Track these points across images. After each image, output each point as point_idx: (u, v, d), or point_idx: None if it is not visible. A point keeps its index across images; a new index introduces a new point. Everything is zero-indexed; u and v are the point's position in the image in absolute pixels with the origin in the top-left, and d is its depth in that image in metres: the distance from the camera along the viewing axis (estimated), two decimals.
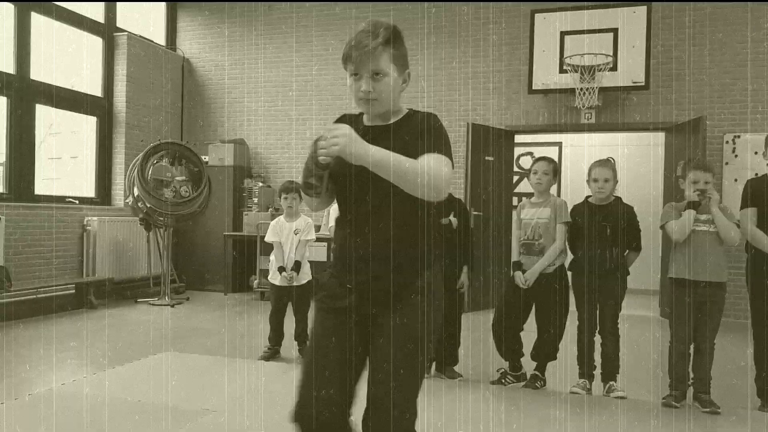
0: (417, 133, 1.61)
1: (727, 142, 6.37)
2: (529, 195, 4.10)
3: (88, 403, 3.21)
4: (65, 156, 7.20)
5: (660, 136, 6.86)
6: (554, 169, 3.77)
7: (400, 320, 1.59)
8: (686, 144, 6.14)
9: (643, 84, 6.28)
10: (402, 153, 1.51)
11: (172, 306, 6.47)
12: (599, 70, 6.28)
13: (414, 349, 1.58)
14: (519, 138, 7.37)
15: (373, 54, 1.58)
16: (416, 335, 1.59)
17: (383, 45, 1.59)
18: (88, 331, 5.17)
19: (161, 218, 6.37)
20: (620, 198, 3.70)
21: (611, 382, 3.56)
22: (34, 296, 5.72)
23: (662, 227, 3.46)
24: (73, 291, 6.17)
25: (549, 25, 6.51)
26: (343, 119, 1.72)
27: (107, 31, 7.13)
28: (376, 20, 1.63)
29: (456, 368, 3.92)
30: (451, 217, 3.81)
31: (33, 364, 4.12)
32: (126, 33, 7.21)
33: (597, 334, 3.63)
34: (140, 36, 7.50)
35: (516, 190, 7.99)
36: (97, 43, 7.05)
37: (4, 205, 5.52)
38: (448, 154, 1.60)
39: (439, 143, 1.60)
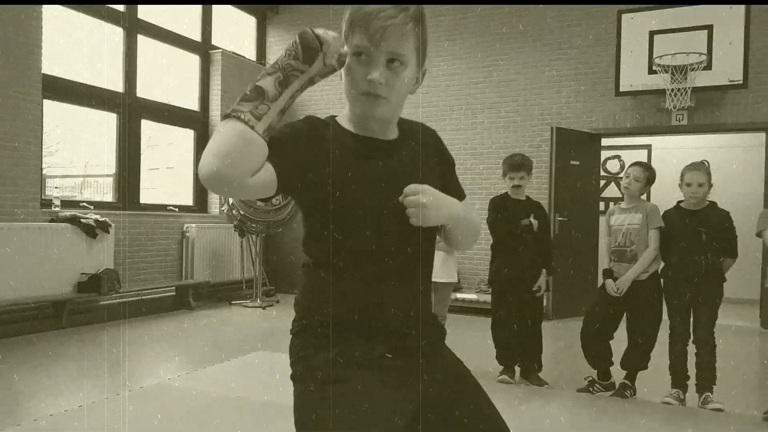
0: (428, 159, 1.27)
1: None
2: (617, 200, 4.02)
3: (192, 397, 3.46)
4: (162, 167, 7.69)
5: (760, 137, 6.51)
6: (648, 177, 3.67)
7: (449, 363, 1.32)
8: None
9: (741, 82, 5.98)
10: (408, 182, 1.18)
11: (263, 308, 6.77)
12: (692, 70, 6.04)
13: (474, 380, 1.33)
14: (606, 141, 7.19)
15: (401, 30, 1.11)
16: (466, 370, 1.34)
17: (414, 22, 1.13)
18: (188, 330, 5.52)
19: (254, 225, 6.70)
20: (715, 203, 3.58)
21: (707, 394, 3.44)
22: (140, 297, 6.16)
23: (759, 234, 3.31)
24: (174, 293, 6.58)
25: (637, 25, 6.33)
26: (309, 123, 1.21)
27: (204, 48, 7.58)
28: None
29: (541, 375, 3.90)
30: (531, 219, 3.82)
31: (140, 359, 4.46)
32: (220, 50, 7.63)
33: (691, 343, 3.51)
34: (233, 52, 7.91)
35: (603, 195, 7.79)
36: (194, 60, 7.50)
37: (113, 213, 5.99)
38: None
39: (455, 175, 1.35)
